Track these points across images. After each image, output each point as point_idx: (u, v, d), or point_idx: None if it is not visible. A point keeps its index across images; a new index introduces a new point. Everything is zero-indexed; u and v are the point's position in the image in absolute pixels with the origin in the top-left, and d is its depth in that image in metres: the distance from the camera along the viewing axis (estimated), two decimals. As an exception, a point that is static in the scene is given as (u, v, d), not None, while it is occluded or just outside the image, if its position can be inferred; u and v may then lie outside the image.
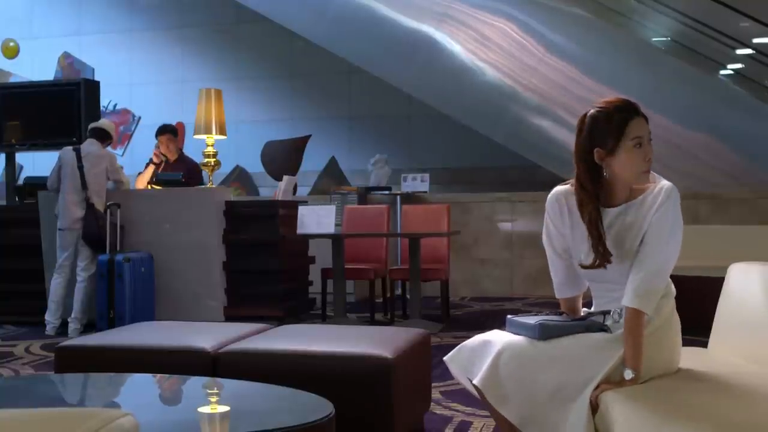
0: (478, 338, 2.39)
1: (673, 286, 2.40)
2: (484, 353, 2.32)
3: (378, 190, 8.48)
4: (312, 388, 2.50)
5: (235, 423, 2.37)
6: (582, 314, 2.47)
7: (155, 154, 7.02)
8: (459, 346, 2.44)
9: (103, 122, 6.36)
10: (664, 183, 2.31)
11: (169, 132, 7.04)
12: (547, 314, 2.48)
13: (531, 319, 2.35)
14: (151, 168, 6.87)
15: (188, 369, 2.90)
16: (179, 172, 6.73)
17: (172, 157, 7.03)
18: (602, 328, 2.32)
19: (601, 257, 2.30)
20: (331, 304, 6.27)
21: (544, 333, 2.28)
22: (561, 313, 2.48)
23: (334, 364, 2.87)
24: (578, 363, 2.24)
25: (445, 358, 2.46)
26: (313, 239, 6.37)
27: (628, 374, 2.19)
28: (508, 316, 2.44)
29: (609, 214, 2.33)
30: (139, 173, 7.04)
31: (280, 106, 11.46)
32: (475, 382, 2.30)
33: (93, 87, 7.12)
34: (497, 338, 2.34)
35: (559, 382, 2.22)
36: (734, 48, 9.51)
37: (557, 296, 2.54)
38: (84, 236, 5.95)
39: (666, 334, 2.32)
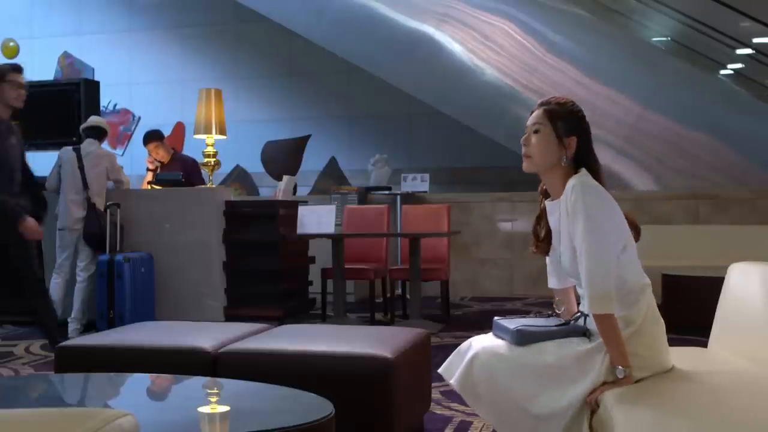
0: (465, 343, 2.44)
1: (646, 281, 2.35)
2: (464, 355, 2.37)
3: (378, 190, 8.48)
4: (312, 388, 2.50)
5: (235, 423, 2.37)
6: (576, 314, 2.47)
7: (149, 160, 7.04)
8: (450, 355, 2.48)
9: (95, 119, 6.30)
10: (570, 181, 2.31)
11: (154, 139, 7.05)
12: (537, 316, 2.48)
13: (512, 324, 2.36)
14: (150, 174, 6.92)
15: (188, 369, 2.90)
16: (178, 171, 6.74)
17: (166, 159, 7.04)
18: (584, 333, 2.32)
19: (534, 245, 2.51)
20: (331, 304, 6.27)
21: (522, 339, 2.30)
22: (551, 315, 2.48)
23: (334, 364, 2.87)
24: (549, 374, 2.25)
25: (439, 370, 2.49)
26: (313, 239, 6.37)
27: (620, 372, 2.20)
28: (495, 319, 2.46)
29: (547, 208, 2.46)
30: (143, 178, 7.10)
31: (279, 106, 11.45)
32: (451, 381, 2.35)
33: (93, 87, 7.12)
34: (478, 341, 2.39)
35: (531, 391, 2.25)
36: (734, 48, 9.51)
37: (548, 285, 2.60)
38: (85, 236, 5.94)
39: (644, 332, 2.29)
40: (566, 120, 2.38)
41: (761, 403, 2.06)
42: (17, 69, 4.93)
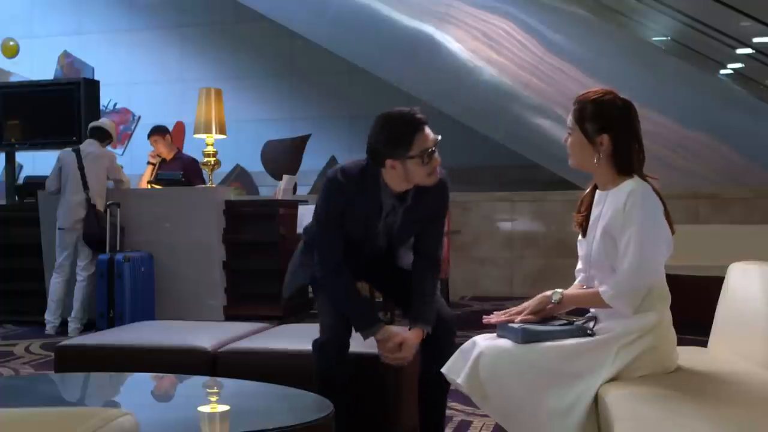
0: (469, 342, 2.44)
1: (667, 293, 2.40)
2: (469, 354, 2.37)
3: (378, 190, 8.45)
4: (312, 387, 2.50)
5: (235, 422, 2.37)
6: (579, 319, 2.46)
7: (151, 155, 7.05)
8: (453, 355, 2.48)
9: (104, 122, 6.35)
10: (626, 184, 2.34)
11: (154, 133, 7.05)
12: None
13: (517, 323, 2.36)
14: (150, 168, 6.91)
15: (188, 368, 2.90)
16: (177, 170, 6.72)
17: (168, 155, 7.03)
18: (588, 334, 2.32)
19: (577, 223, 2.49)
20: (331, 303, 6.25)
21: (527, 337, 2.30)
22: (556, 316, 2.48)
23: (334, 364, 2.87)
24: (556, 369, 2.25)
25: (442, 370, 2.49)
26: (313, 239, 6.36)
27: (557, 296, 2.39)
28: None
29: (596, 197, 2.46)
30: (141, 175, 7.08)
31: (280, 106, 11.45)
32: (459, 380, 2.35)
33: (93, 86, 7.11)
34: (482, 340, 2.39)
35: (537, 389, 2.25)
36: (734, 48, 9.51)
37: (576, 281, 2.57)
38: (85, 236, 5.94)
39: (662, 337, 2.32)
40: (594, 119, 2.36)
41: (761, 403, 2.06)
42: None
